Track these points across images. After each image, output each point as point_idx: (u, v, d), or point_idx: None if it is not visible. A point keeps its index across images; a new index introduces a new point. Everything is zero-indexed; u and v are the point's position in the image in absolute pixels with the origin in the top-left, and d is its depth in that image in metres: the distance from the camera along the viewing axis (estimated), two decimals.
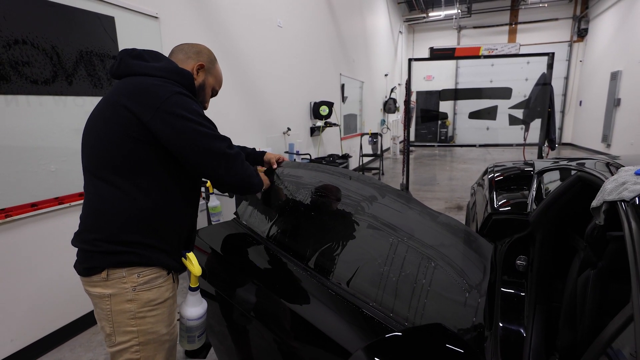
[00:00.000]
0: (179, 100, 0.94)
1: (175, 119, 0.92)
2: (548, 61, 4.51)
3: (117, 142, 0.92)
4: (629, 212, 0.77)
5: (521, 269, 1.38)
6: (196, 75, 1.12)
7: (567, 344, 1.15)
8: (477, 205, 2.17)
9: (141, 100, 0.92)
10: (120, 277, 0.94)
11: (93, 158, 0.97)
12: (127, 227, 0.94)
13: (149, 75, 0.97)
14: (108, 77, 2.18)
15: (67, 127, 1.98)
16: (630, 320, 0.61)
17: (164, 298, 1.01)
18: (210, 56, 1.16)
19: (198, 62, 1.11)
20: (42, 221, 1.91)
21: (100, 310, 0.98)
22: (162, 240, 0.99)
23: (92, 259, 0.95)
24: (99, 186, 0.95)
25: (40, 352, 1.96)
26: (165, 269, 1.01)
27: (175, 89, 0.96)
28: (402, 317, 0.93)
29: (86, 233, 0.96)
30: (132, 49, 1.03)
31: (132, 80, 0.97)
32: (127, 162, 0.93)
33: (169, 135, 0.92)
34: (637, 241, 0.69)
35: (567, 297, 1.19)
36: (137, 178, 0.94)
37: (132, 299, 0.95)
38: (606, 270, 1.01)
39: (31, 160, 1.83)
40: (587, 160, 1.46)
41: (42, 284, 1.95)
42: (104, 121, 0.95)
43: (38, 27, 1.83)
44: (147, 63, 1.00)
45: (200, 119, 0.97)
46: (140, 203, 0.94)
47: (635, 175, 0.86)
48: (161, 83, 0.96)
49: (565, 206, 1.31)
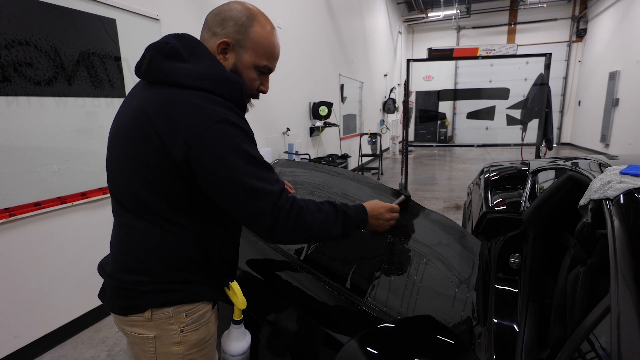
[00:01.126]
0: (221, 132, 0.73)
1: (209, 163, 0.73)
2: (545, 62, 4.54)
3: (151, 176, 0.77)
4: (613, 210, 0.81)
5: (515, 267, 1.41)
6: (223, 59, 0.84)
7: (558, 338, 1.18)
8: (473, 205, 2.20)
9: (174, 127, 0.73)
10: (167, 318, 0.82)
11: (124, 188, 0.81)
12: (173, 266, 0.82)
13: (186, 88, 0.77)
14: (109, 79, 2.22)
15: (69, 128, 2.01)
16: (608, 311, 0.64)
17: (211, 334, 0.91)
18: (239, 20, 0.82)
19: (220, 40, 0.82)
20: (45, 220, 1.95)
21: (142, 351, 0.85)
22: (207, 274, 0.87)
23: (132, 298, 0.82)
24: (135, 222, 0.81)
25: (44, 349, 1.99)
26: (211, 302, 0.90)
27: (219, 114, 0.74)
28: (395, 311, 0.97)
29: (125, 274, 0.82)
30: (164, 44, 0.79)
31: (165, 97, 0.76)
32: (164, 198, 0.78)
33: (205, 180, 0.75)
34: (617, 237, 0.72)
35: (558, 293, 1.22)
36: (177, 214, 0.80)
37: (180, 342, 0.83)
38: (595, 267, 1.04)
39: (34, 161, 1.87)
40: (581, 161, 1.49)
41: (45, 282, 1.98)
42: (134, 146, 0.77)
43: (41, 29, 1.86)
44: (184, 65, 0.78)
45: (244, 159, 0.75)
46: (184, 240, 0.81)
47: (620, 175, 0.89)
48: (202, 103, 0.75)
49: (557, 205, 1.34)
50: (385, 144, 9.47)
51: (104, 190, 2.23)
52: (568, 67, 10.97)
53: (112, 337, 2.13)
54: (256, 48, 0.84)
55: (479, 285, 1.42)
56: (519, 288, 1.35)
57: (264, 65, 0.87)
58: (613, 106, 8.13)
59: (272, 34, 0.86)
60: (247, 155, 0.75)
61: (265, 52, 0.86)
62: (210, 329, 0.90)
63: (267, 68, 0.89)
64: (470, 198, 2.44)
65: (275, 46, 0.88)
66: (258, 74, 0.88)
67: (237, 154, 0.74)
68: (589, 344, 0.69)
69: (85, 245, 2.17)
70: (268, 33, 0.85)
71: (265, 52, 0.86)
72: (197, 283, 0.85)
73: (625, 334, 0.55)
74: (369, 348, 0.73)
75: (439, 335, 0.78)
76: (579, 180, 1.21)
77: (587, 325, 0.70)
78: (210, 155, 0.73)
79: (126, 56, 2.29)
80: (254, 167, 0.76)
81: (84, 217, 2.15)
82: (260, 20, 0.84)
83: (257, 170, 0.76)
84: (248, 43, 0.84)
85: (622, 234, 0.74)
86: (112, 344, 2.07)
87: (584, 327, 0.70)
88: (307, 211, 0.81)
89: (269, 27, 0.86)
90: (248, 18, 0.83)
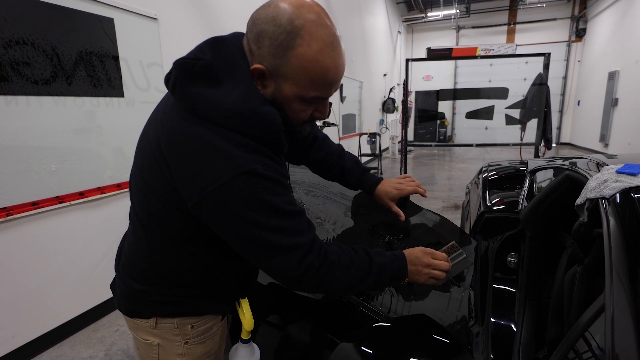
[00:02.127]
0: (243, 186, 0.62)
1: (226, 217, 0.64)
2: (544, 61, 4.55)
3: (159, 205, 0.71)
4: (609, 209, 0.81)
5: (512, 266, 1.41)
6: (261, 85, 0.67)
7: (555, 337, 1.18)
8: (471, 204, 2.20)
9: (189, 171, 0.63)
10: (172, 328, 0.79)
11: (137, 198, 0.76)
12: (174, 283, 0.77)
13: (210, 123, 0.63)
14: (108, 78, 2.21)
15: (67, 128, 2.01)
16: (602, 310, 0.64)
17: (217, 347, 0.87)
18: (276, 39, 0.62)
19: (253, 65, 0.65)
20: (42, 220, 1.94)
21: (145, 354, 0.83)
22: (214, 290, 0.82)
23: (138, 303, 0.79)
24: (142, 234, 0.77)
25: (41, 348, 1.99)
26: (220, 314, 0.86)
27: (245, 163, 0.62)
28: (391, 311, 0.96)
29: (131, 280, 0.79)
30: (194, 60, 0.64)
31: (184, 130, 0.64)
32: (169, 227, 0.73)
33: (219, 231, 0.67)
34: (613, 237, 0.72)
35: (555, 292, 1.22)
36: (182, 242, 0.74)
37: (184, 354, 0.80)
38: (592, 267, 1.05)
39: (32, 160, 1.86)
40: (579, 160, 1.49)
41: (42, 282, 1.98)
42: (149, 169, 0.70)
43: (39, 28, 1.85)
44: (214, 94, 0.63)
45: (267, 213, 0.64)
46: (188, 263, 0.76)
47: (616, 174, 0.89)
48: (226, 147, 0.62)
49: (554, 204, 1.34)
50: (384, 144, 9.47)
51: (102, 190, 2.23)
52: (567, 67, 10.97)
53: (109, 336, 2.13)
54: (298, 78, 0.64)
55: (477, 284, 1.42)
56: (516, 287, 1.36)
57: (312, 97, 0.68)
58: (612, 106, 8.14)
59: (324, 53, 0.63)
60: (272, 208, 0.64)
61: (312, 81, 0.65)
62: (217, 342, 0.86)
63: (318, 98, 0.69)
64: (468, 198, 2.44)
65: (329, 70, 0.65)
66: (306, 104, 0.70)
67: (260, 208, 0.63)
68: (584, 342, 0.69)
69: (83, 245, 2.16)
70: (316, 54, 0.62)
71: (312, 81, 0.65)
72: (203, 298, 0.80)
73: (619, 333, 0.55)
74: (364, 347, 0.73)
75: (435, 335, 0.78)
76: (576, 179, 1.21)
77: (582, 323, 0.70)
78: (226, 210, 0.63)
79: (124, 56, 2.29)
80: (279, 220, 0.65)
81: (82, 216, 2.15)
82: (305, 37, 0.61)
83: (282, 222, 0.65)
84: (288, 71, 0.64)
85: (618, 233, 0.74)
86: (109, 343, 2.07)
87: (579, 325, 0.70)
88: (338, 266, 0.71)
89: (319, 44, 0.62)
90: (289, 35, 0.61)
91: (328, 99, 0.73)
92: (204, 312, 0.81)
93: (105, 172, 2.25)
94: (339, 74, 0.68)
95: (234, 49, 0.67)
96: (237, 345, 0.89)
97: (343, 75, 0.70)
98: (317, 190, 1.45)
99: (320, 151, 1.08)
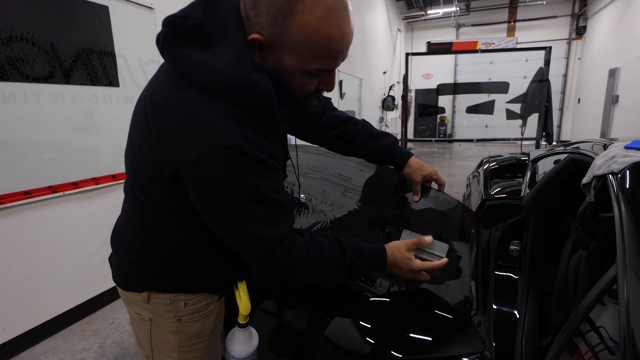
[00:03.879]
0: (223, 161, 0.57)
1: (200, 191, 0.61)
2: (545, 56, 4.52)
3: (145, 177, 0.67)
4: (617, 184, 0.77)
5: (515, 254, 1.38)
6: (260, 57, 0.62)
7: (559, 326, 1.14)
8: (472, 196, 2.17)
9: (167, 140, 0.60)
10: (164, 304, 0.75)
11: (130, 171, 0.73)
12: (166, 259, 0.74)
13: (199, 89, 0.59)
14: (103, 66, 2.17)
15: (60, 116, 1.97)
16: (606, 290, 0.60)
17: (213, 327, 0.82)
18: (273, 5, 0.56)
19: (251, 35, 0.59)
20: (35, 209, 1.91)
21: (138, 329, 0.81)
22: (212, 269, 0.78)
23: (131, 275, 0.77)
24: (134, 207, 0.74)
25: (34, 340, 1.95)
26: (217, 294, 0.82)
27: (229, 137, 0.57)
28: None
29: (124, 252, 0.77)
30: (184, 18, 0.59)
31: (169, 96, 0.60)
32: (157, 201, 0.69)
33: (196, 205, 0.64)
34: (623, 212, 0.69)
35: (560, 278, 1.19)
36: (171, 215, 0.70)
37: (176, 331, 0.77)
38: (598, 251, 1.01)
39: (24, 148, 1.83)
40: (584, 144, 1.45)
41: (36, 273, 1.94)
42: (137, 140, 0.67)
43: (31, 16, 1.81)
44: (203, 56, 0.58)
45: (245, 196, 0.60)
46: (178, 238, 0.72)
47: (624, 149, 0.85)
48: (211, 116, 0.58)
49: (558, 189, 1.31)
50: None
51: (96, 181, 2.19)
52: (568, 64, 10.94)
53: (104, 329, 2.09)
54: (300, 49, 0.58)
55: (478, 274, 1.39)
56: (519, 275, 1.32)
57: (316, 70, 0.62)
58: (613, 103, 8.10)
59: (328, 21, 0.56)
60: (250, 192, 0.60)
61: (315, 52, 0.59)
62: (213, 322, 0.82)
63: (323, 70, 0.63)
64: (469, 190, 2.41)
65: (334, 40, 0.58)
66: (310, 77, 0.64)
67: (237, 189, 0.59)
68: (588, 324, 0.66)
69: (77, 236, 2.13)
70: (319, 22, 0.56)
71: (315, 53, 0.59)
72: (197, 275, 0.76)
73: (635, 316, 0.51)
74: (362, 322, 0.69)
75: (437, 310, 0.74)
76: (581, 161, 1.17)
77: (584, 306, 0.66)
78: (201, 184, 0.59)
79: (119, 44, 2.24)
80: (256, 206, 0.61)
81: (76, 207, 2.11)
82: (306, 2, 0.55)
83: (259, 209, 0.61)
84: (288, 41, 0.58)
85: (628, 208, 0.70)
86: (104, 336, 2.03)
87: (581, 308, 0.67)
88: (304, 261, 0.68)
89: (322, 11, 0.55)
90: (288, 0, 0.55)
91: (335, 70, 0.67)
92: (199, 290, 0.77)
93: (101, 165, 2.21)
94: (346, 43, 0.61)
95: (229, 10, 0.61)
96: (235, 329, 0.85)
97: (350, 44, 0.63)
98: (314, 172, 1.41)
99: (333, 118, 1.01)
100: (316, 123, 1.03)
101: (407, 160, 1.03)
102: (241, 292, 0.81)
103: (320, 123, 1.02)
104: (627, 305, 0.54)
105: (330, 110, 1.04)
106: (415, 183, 1.05)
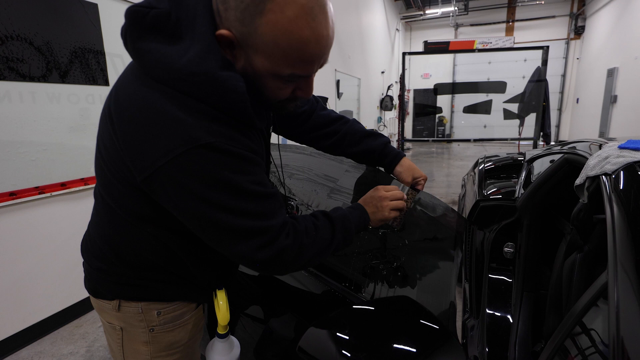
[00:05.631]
0: (199, 160, 0.53)
1: (179, 195, 0.55)
2: (542, 56, 4.49)
3: (114, 181, 0.63)
4: (611, 185, 0.74)
5: (509, 256, 1.35)
6: (230, 55, 0.58)
7: (553, 330, 1.11)
8: (467, 196, 2.14)
9: (137, 142, 0.55)
10: (136, 313, 0.71)
11: (98, 174, 0.68)
12: (136, 266, 0.70)
13: (165, 86, 0.55)
14: (89, 65, 2.14)
15: (47, 115, 1.93)
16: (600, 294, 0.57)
17: (189, 337, 0.78)
18: (244, 0, 0.51)
19: (219, 30, 0.55)
20: (21, 211, 1.87)
21: (110, 338, 0.77)
22: (186, 277, 0.74)
23: (101, 283, 0.72)
24: (103, 212, 0.70)
25: (20, 344, 1.91)
26: (193, 302, 0.77)
27: (202, 135, 0.53)
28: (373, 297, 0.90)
29: (93, 258, 0.73)
30: (147, 9, 0.54)
31: (133, 94, 0.56)
32: (127, 207, 0.65)
33: (174, 211, 0.59)
34: (616, 214, 0.65)
35: (554, 282, 1.16)
36: (142, 222, 0.66)
37: (149, 341, 0.73)
38: (592, 254, 0.98)
39: (9, 148, 1.79)
40: (580, 143, 1.42)
41: (22, 275, 1.90)
42: (103, 141, 0.63)
43: (20, 13, 1.78)
44: (166, 50, 0.54)
45: (227, 193, 0.56)
46: (149, 246, 0.68)
47: (618, 149, 0.82)
48: (180, 116, 0.53)
49: (552, 190, 1.28)
50: None
51: (85, 181, 2.16)
52: (566, 64, 10.92)
53: (92, 332, 2.05)
54: (270, 51, 0.53)
55: (472, 276, 1.36)
56: (513, 278, 1.29)
57: (288, 75, 0.57)
58: (611, 103, 8.08)
59: (302, 22, 0.51)
60: (233, 188, 0.56)
61: (286, 55, 0.54)
62: (189, 332, 0.78)
63: (297, 76, 0.58)
64: (464, 190, 2.38)
65: (307, 43, 0.53)
66: (284, 82, 0.59)
67: (219, 188, 0.55)
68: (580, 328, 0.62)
69: (65, 238, 2.09)
70: (290, 23, 0.51)
71: (287, 56, 0.54)
72: (170, 283, 0.72)
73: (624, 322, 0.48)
74: (339, 333, 0.65)
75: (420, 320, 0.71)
76: (576, 162, 1.14)
77: (577, 310, 0.63)
78: (179, 187, 0.54)
79: (109, 42, 2.21)
80: (242, 201, 0.57)
81: (64, 208, 2.07)
82: (277, 0, 0.50)
83: (246, 204, 0.57)
84: (257, 42, 0.53)
85: (621, 209, 0.67)
86: (92, 339, 1.99)
87: (574, 313, 0.63)
88: (306, 234, 0.66)
89: (294, 10, 0.50)
90: None
91: (312, 77, 0.61)
92: (173, 299, 0.73)
93: (90, 165, 2.18)
94: (321, 48, 0.55)
95: (199, 1, 0.56)
96: (214, 340, 0.81)
97: (329, 49, 0.57)
98: (300, 173, 1.38)
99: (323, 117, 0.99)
100: (304, 123, 1.00)
101: (399, 160, 1.02)
102: (220, 301, 0.76)
103: (308, 123, 1.00)
104: (617, 311, 0.51)
105: (319, 110, 1.02)
106: (405, 184, 1.03)
